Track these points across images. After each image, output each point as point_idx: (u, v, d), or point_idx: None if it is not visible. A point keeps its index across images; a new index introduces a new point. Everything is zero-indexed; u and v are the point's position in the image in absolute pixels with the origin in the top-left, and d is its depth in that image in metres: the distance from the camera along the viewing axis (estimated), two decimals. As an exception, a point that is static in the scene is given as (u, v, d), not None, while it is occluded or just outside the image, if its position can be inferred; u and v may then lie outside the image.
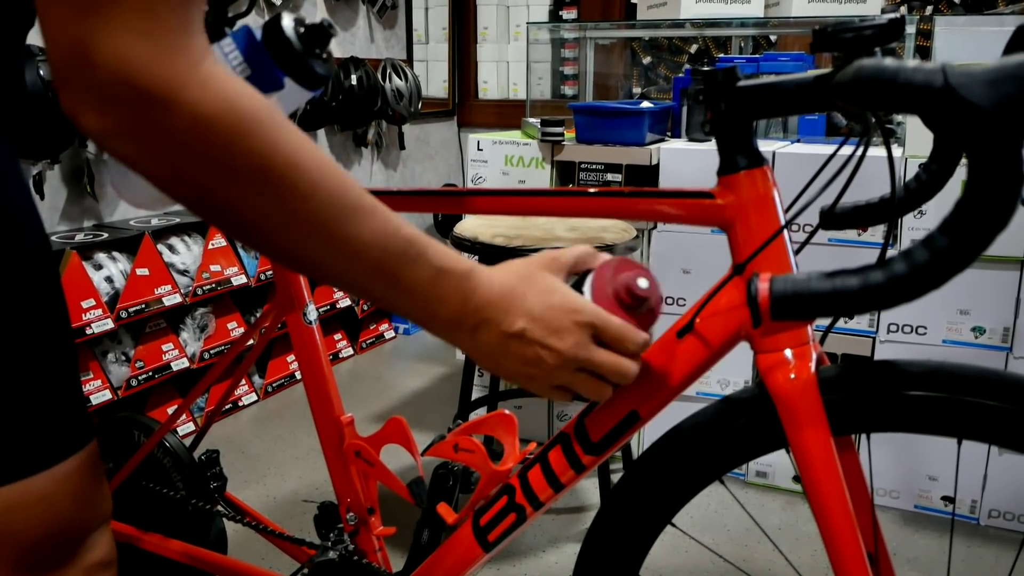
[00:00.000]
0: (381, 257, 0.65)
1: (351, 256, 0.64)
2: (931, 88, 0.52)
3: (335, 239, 0.63)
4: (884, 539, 0.90)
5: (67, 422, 0.77)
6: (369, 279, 0.66)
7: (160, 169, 0.57)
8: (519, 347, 0.72)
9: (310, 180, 0.60)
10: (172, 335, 2.60)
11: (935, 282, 0.57)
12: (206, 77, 0.55)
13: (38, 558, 0.76)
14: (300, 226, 0.61)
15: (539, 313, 0.72)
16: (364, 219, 0.63)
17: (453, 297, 0.69)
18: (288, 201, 0.60)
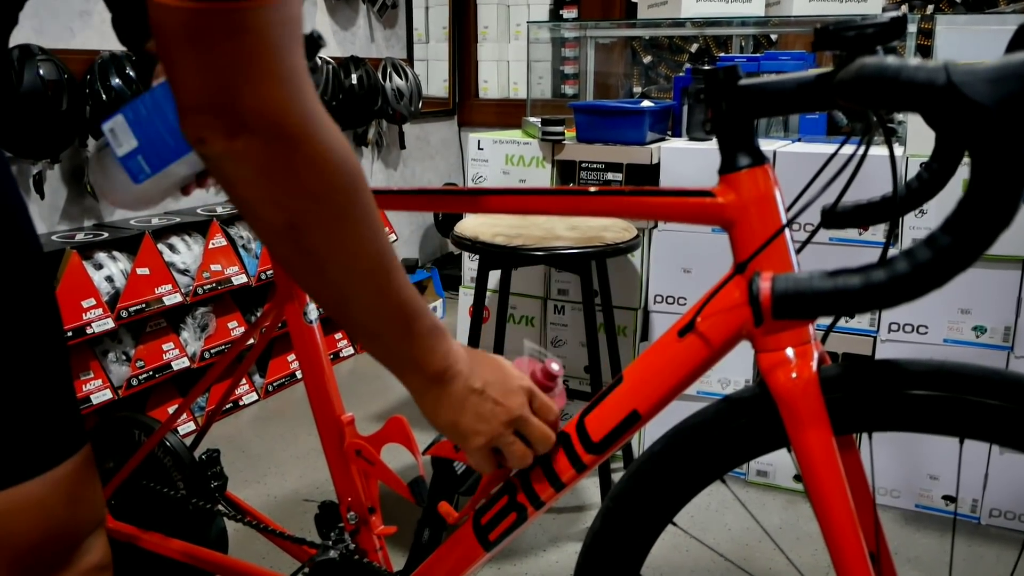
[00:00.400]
0: (403, 305, 0.73)
1: (385, 299, 0.72)
2: (934, 86, 0.52)
3: (378, 282, 0.70)
4: (886, 538, 0.90)
5: (60, 427, 0.77)
6: (391, 325, 0.73)
7: (269, 193, 0.63)
8: (478, 402, 0.79)
9: (373, 226, 0.68)
10: (173, 334, 2.60)
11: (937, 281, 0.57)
12: (323, 116, 0.62)
13: (34, 562, 0.76)
14: (358, 265, 0.68)
15: (494, 376, 0.81)
16: (398, 269, 0.72)
17: (441, 350, 0.77)
18: (359, 241, 0.67)
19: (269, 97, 0.59)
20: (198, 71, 0.57)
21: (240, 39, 0.56)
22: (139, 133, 0.87)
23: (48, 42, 2.37)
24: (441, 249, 4.55)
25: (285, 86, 0.59)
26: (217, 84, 0.57)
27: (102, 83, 2.40)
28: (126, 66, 2.46)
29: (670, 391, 0.84)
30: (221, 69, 0.57)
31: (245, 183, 0.63)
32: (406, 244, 4.25)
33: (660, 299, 2.36)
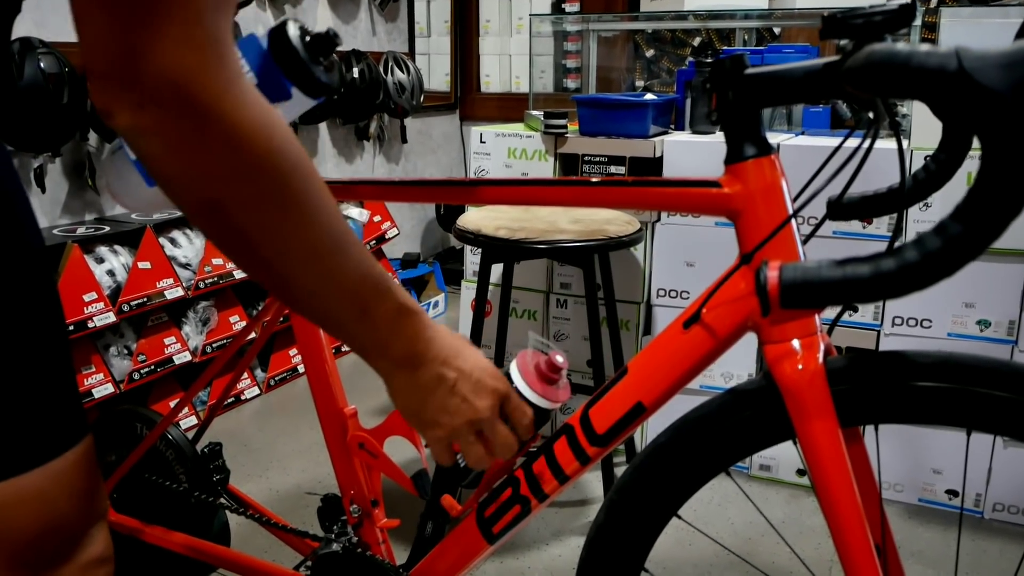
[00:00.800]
0: (359, 286, 0.69)
1: (334, 282, 0.67)
2: (945, 72, 0.51)
3: (325, 264, 0.66)
4: (891, 531, 0.90)
5: (62, 418, 0.76)
6: (342, 305, 0.69)
7: (182, 171, 0.58)
8: (445, 395, 0.77)
9: (315, 207, 0.64)
10: (174, 328, 2.60)
11: (947, 270, 0.56)
12: (243, 92, 0.58)
13: (34, 555, 0.75)
14: (297, 247, 0.64)
15: (469, 370, 0.78)
16: (351, 249, 0.67)
17: (408, 334, 0.74)
18: (294, 222, 0.63)
19: (180, 64, 0.54)
20: (106, 30, 0.53)
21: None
22: None
23: (49, 35, 2.36)
24: (443, 243, 4.54)
25: (200, 54, 0.54)
26: (124, 45, 0.53)
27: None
28: (127, 59, 2.45)
29: (675, 383, 0.84)
30: (130, 28, 0.53)
31: (156, 159, 0.58)
32: (408, 238, 4.25)
33: (663, 293, 2.35)
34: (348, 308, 0.70)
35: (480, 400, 0.78)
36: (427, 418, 0.78)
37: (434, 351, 0.76)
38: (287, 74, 0.86)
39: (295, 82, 0.87)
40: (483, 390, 0.79)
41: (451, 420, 0.78)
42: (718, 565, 1.92)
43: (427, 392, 0.77)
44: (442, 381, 0.77)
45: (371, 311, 0.71)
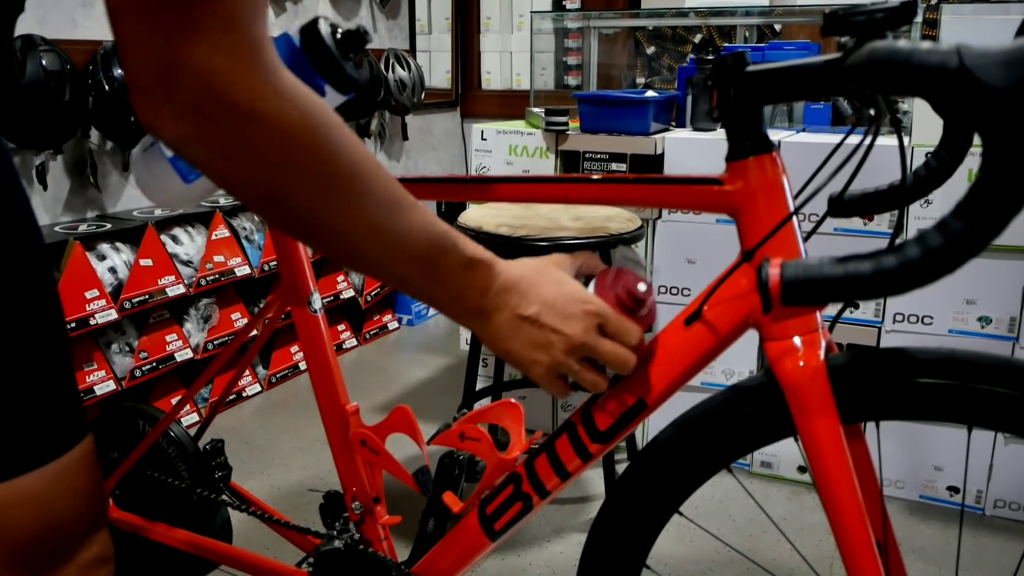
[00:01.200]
0: (423, 248, 0.70)
1: (398, 248, 0.69)
2: (946, 69, 0.51)
3: (386, 233, 0.68)
4: (892, 528, 0.90)
5: (61, 419, 0.76)
6: (410, 268, 0.71)
7: (235, 173, 0.61)
8: (531, 330, 0.76)
9: (368, 181, 0.66)
10: (176, 326, 2.60)
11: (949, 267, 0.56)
12: (283, 88, 0.59)
13: (33, 556, 0.75)
14: (357, 223, 0.66)
15: (552, 300, 0.76)
16: (409, 214, 0.69)
17: (479, 284, 0.74)
18: (350, 201, 0.65)
19: (217, 69, 0.55)
20: (143, 45, 0.54)
21: (189, 10, 0.54)
22: None
23: (50, 32, 2.36)
24: (444, 241, 4.54)
25: (235, 58, 0.56)
26: (164, 57, 0.54)
27: (105, 74, 2.39)
28: (128, 57, 2.45)
29: (676, 380, 0.84)
30: (169, 40, 0.54)
31: (209, 165, 0.60)
32: (409, 236, 4.24)
33: (664, 290, 2.35)
34: (417, 271, 0.71)
35: (571, 326, 0.77)
36: (521, 358, 0.77)
37: (507, 295, 0.76)
38: (320, 71, 0.87)
39: (328, 79, 0.87)
40: (572, 316, 0.77)
41: (547, 354, 0.77)
42: (719, 562, 1.92)
43: (512, 333, 0.77)
44: (524, 320, 0.76)
45: (438, 269, 0.72)
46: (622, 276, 0.82)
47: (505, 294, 0.76)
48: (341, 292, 3.25)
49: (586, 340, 0.77)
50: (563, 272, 0.81)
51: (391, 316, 3.61)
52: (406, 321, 3.68)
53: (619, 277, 0.82)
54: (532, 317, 0.76)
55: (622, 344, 0.79)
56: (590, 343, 0.77)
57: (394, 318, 3.63)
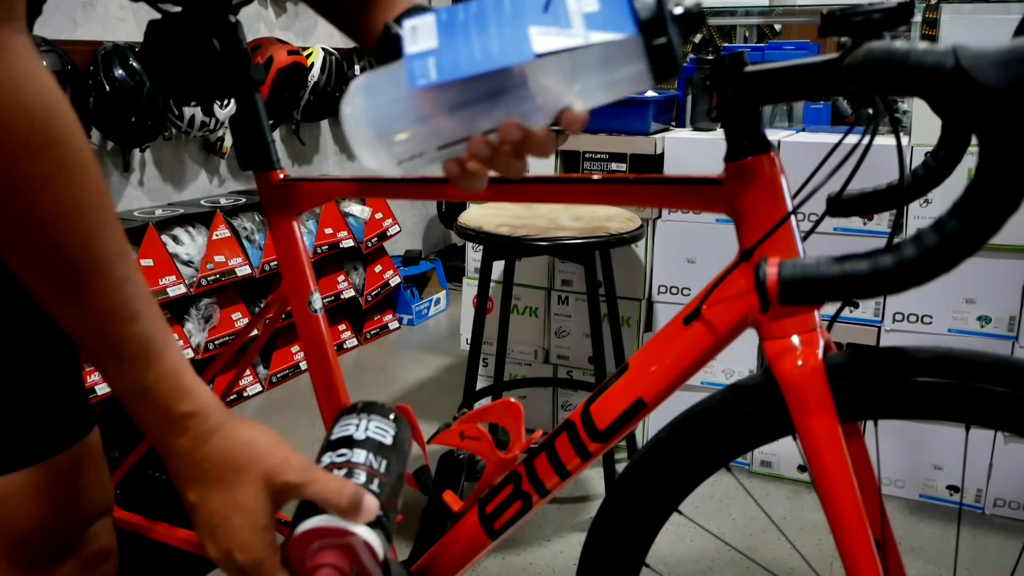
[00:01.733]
0: (94, 333, 0.59)
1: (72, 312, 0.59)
2: (942, 70, 0.52)
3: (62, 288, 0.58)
4: (891, 527, 0.90)
5: (66, 413, 0.76)
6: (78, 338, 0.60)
7: None
8: (188, 507, 0.66)
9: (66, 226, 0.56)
10: (176, 326, 2.60)
11: (945, 266, 0.56)
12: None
13: (37, 549, 0.75)
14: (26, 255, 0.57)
15: (209, 515, 0.64)
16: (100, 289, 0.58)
17: (150, 418, 0.62)
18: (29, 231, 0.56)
19: None
20: None
21: None
22: (445, 35, 0.62)
23: (51, 33, 2.36)
24: (444, 240, 4.55)
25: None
26: None
27: (105, 74, 2.40)
28: (129, 57, 2.45)
29: (675, 379, 0.84)
30: None
31: None
32: (409, 235, 4.25)
33: (664, 289, 2.35)
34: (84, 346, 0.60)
35: (213, 547, 0.64)
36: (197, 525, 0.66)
37: (180, 461, 0.64)
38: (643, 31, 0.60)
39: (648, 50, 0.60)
40: (218, 542, 0.64)
41: (216, 547, 0.65)
42: (719, 561, 1.92)
43: (181, 486, 0.65)
44: (184, 493, 0.65)
45: (107, 367, 0.61)
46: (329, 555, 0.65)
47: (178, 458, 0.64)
48: (342, 292, 3.25)
49: (223, 565, 0.65)
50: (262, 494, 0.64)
51: (391, 316, 3.61)
52: (406, 321, 3.69)
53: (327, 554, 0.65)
54: (190, 501, 0.65)
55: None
56: (227, 570, 0.65)
57: (395, 318, 3.63)
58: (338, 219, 3.20)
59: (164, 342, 0.61)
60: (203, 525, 0.64)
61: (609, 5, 0.59)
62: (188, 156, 2.98)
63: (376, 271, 3.45)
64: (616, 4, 0.59)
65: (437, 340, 3.51)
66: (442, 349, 3.39)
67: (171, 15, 1.11)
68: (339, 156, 3.74)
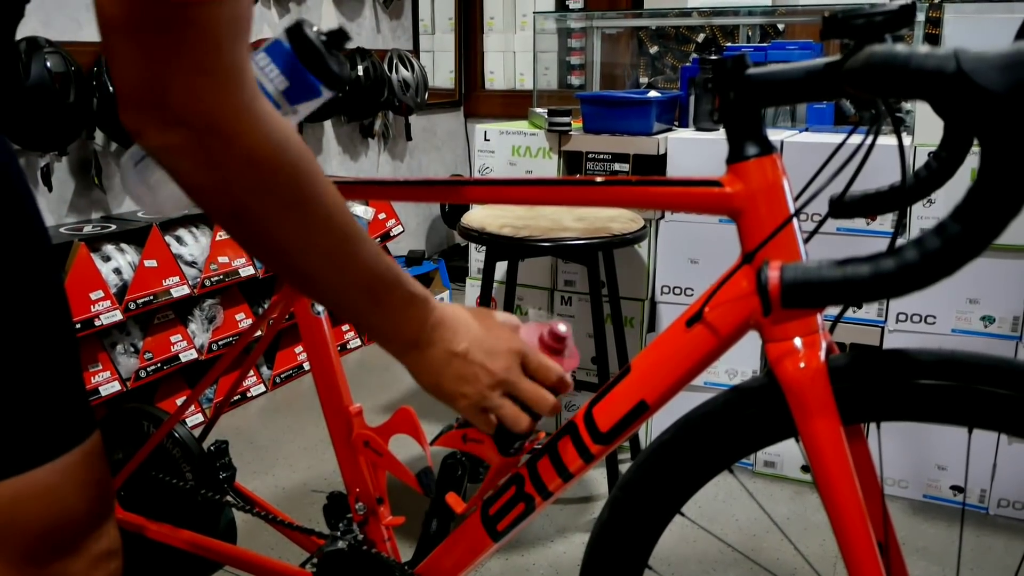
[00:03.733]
0: (371, 279, 0.75)
1: (349, 277, 0.74)
2: (943, 73, 0.52)
3: (339, 262, 0.72)
4: (894, 528, 0.90)
5: (70, 414, 0.77)
6: (358, 297, 0.75)
7: (208, 184, 0.64)
8: (460, 365, 0.81)
9: (329, 211, 0.70)
10: (180, 326, 2.61)
11: (947, 269, 0.56)
12: (262, 113, 0.63)
13: (43, 549, 0.76)
14: (314, 249, 0.70)
15: (480, 338, 0.82)
16: (362, 246, 0.73)
17: (417, 318, 0.79)
18: (310, 228, 0.69)
19: (202, 92, 0.59)
20: (135, 62, 0.58)
21: (179, 33, 0.57)
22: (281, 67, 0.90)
23: (55, 34, 2.37)
24: (448, 240, 4.55)
25: (219, 80, 0.59)
26: (152, 76, 0.58)
27: (109, 75, 2.40)
28: (132, 58, 2.45)
29: (678, 381, 0.84)
30: (157, 61, 0.57)
31: (185, 174, 0.64)
32: (413, 236, 4.25)
33: (667, 290, 2.35)
34: (363, 299, 0.75)
35: (495, 362, 0.81)
36: (449, 390, 0.82)
37: (441, 331, 0.80)
38: (311, 70, 0.90)
39: (321, 79, 0.90)
40: (496, 352, 0.82)
41: (473, 387, 0.81)
42: (723, 562, 1.92)
43: (442, 367, 0.81)
44: (454, 355, 0.80)
45: (382, 301, 0.76)
46: (542, 326, 0.88)
47: (440, 329, 0.80)
48: (345, 292, 3.25)
49: (507, 377, 0.82)
50: (494, 317, 0.85)
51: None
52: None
53: (540, 324, 0.88)
54: (461, 353, 0.81)
55: (542, 381, 0.84)
56: (511, 380, 0.82)
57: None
58: (341, 220, 3.19)
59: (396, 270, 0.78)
60: (478, 352, 0.81)
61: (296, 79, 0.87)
62: (192, 157, 2.98)
63: (379, 271, 3.45)
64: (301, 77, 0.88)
65: (440, 340, 3.50)
66: (445, 349, 3.38)
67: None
68: (342, 157, 3.74)
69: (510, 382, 0.82)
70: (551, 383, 0.85)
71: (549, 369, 0.84)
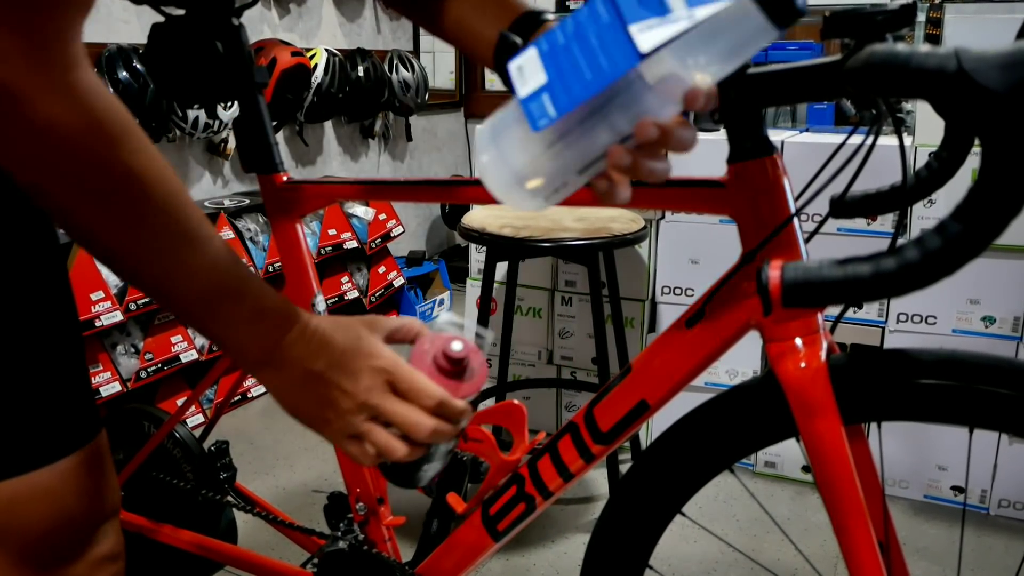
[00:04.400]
0: (206, 288, 0.66)
1: (181, 283, 0.66)
2: (944, 73, 0.51)
3: (169, 264, 0.65)
4: (895, 528, 0.90)
5: (73, 416, 0.77)
6: (191, 307, 0.67)
7: (4, 156, 0.58)
8: (317, 387, 0.70)
9: (158, 207, 0.63)
10: (181, 327, 2.61)
11: (947, 269, 0.56)
12: (72, 87, 0.56)
13: (44, 551, 0.76)
14: (137, 246, 0.63)
15: (340, 356, 0.70)
16: (201, 250, 0.65)
17: (267, 334, 0.70)
18: (131, 223, 0.62)
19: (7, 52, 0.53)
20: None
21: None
22: (551, 65, 0.62)
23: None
24: (448, 241, 4.55)
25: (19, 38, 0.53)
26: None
27: (109, 76, 2.40)
28: (133, 59, 2.46)
29: (678, 381, 0.84)
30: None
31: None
32: (413, 236, 4.26)
33: (668, 290, 2.35)
34: (198, 309, 0.67)
35: (355, 382, 0.69)
36: (309, 415, 0.72)
37: (299, 348, 0.70)
38: None
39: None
40: (357, 371, 0.70)
41: (334, 412, 0.70)
42: (723, 562, 1.92)
43: (298, 389, 0.71)
44: (309, 375, 0.70)
45: (221, 313, 0.68)
46: (440, 339, 0.74)
47: (295, 347, 0.70)
48: (345, 293, 3.25)
49: (368, 399, 0.69)
50: (368, 331, 0.73)
51: (396, 316, 3.62)
52: (410, 322, 3.69)
53: (437, 340, 0.74)
54: (317, 372, 0.70)
55: (417, 405, 0.70)
56: (373, 403, 0.69)
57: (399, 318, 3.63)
58: (342, 220, 3.20)
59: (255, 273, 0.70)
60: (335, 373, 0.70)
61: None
62: (192, 158, 2.99)
63: (380, 272, 3.46)
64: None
65: (441, 341, 3.50)
66: (446, 350, 3.38)
67: (174, 18, 1.11)
68: (343, 157, 3.74)
69: (372, 405, 0.69)
70: (426, 408, 0.70)
71: (422, 392, 0.70)
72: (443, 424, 0.70)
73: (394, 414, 0.69)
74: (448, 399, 0.71)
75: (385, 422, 0.70)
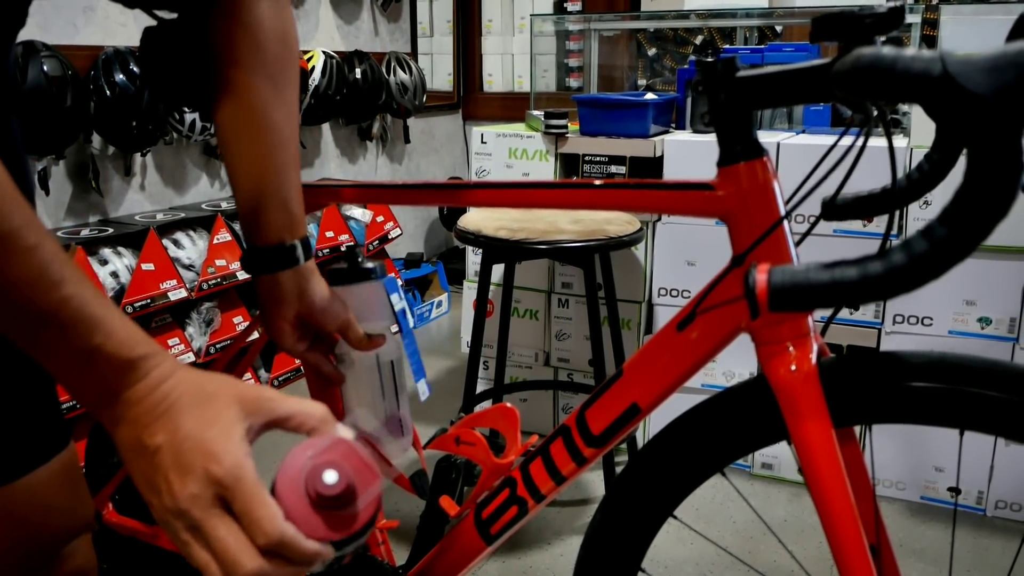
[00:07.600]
0: (21, 307, 0.54)
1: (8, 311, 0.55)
2: (929, 76, 0.52)
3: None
4: (887, 530, 0.90)
5: (36, 432, 0.74)
6: (6, 324, 0.56)
7: None
8: (147, 465, 0.57)
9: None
10: (178, 330, 2.61)
11: (934, 272, 0.56)
12: None
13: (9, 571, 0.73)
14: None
15: (179, 442, 0.56)
16: (17, 263, 0.54)
17: (100, 383, 0.57)
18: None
19: None
20: None
21: None
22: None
23: (52, 38, 2.37)
24: (446, 243, 4.55)
25: None
26: None
27: (106, 79, 2.40)
28: (130, 62, 2.46)
29: (670, 384, 0.84)
30: None
31: None
32: (411, 238, 4.26)
33: (664, 292, 2.35)
34: (13, 326, 0.56)
35: (182, 482, 0.55)
36: (139, 485, 0.58)
37: (137, 412, 0.57)
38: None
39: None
40: (188, 469, 0.55)
41: (158, 500, 0.57)
42: (719, 564, 1.92)
43: (130, 456, 0.58)
44: (143, 448, 0.57)
45: (42, 340, 0.56)
46: (326, 455, 0.59)
47: (134, 408, 0.57)
48: (343, 295, 3.25)
49: (190, 509, 0.55)
50: (235, 416, 0.58)
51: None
52: (408, 324, 3.69)
53: (322, 455, 0.59)
54: (151, 449, 0.56)
55: (248, 528, 0.55)
56: (193, 516, 0.55)
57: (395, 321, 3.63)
58: (339, 222, 3.20)
59: (100, 301, 0.57)
60: (168, 457, 0.56)
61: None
62: (189, 160, 2.99)
63: (377, 274, 3.45)
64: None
65: (438, 343, 3.51)
66: (443, 352, 3.39)
67: (166, 21, 1.11)
68: (340, 159, 3.74)
69: (192, 517, 0.55)
70: (258, 544, 0.55)
71: (257, 524, 0.55)
72: (274, 568, 0.55)
73: (213, 540, 0.55)
74: (292, 539, 0.55)
75: None
